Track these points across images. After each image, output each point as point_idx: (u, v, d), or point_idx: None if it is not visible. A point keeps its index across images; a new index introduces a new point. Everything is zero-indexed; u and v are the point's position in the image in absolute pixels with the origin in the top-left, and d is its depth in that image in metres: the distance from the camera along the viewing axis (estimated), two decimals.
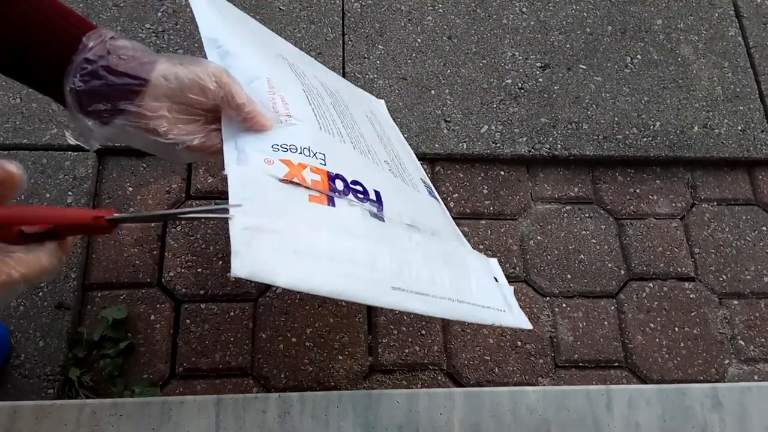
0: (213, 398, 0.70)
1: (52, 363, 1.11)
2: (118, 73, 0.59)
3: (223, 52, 0.72)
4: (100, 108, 0.60)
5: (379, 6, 1.50)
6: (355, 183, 0.70)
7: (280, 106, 0.69)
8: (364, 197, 0.70)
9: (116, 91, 0.60)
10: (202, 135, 0.66)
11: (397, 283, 0.68)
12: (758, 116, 1.47)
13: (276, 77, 0.73)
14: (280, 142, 0.66)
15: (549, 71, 1.47)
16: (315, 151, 0.68)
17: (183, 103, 0.63)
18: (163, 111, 0.62)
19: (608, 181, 1.40)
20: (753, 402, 0.76)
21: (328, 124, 0.75)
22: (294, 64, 0.83)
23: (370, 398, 0.73)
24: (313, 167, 0.66)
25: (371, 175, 0.75)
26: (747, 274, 1.34)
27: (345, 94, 0.92)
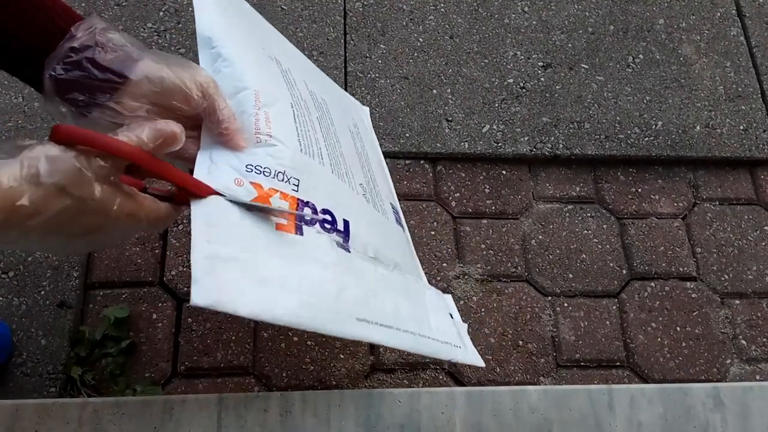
0: (215, 397, 0.70)
1: (54, 361, 1.11)
2: (102, 67, 0.58)
3: (215, 54, 0.71)
4: (77, 98, 0.59)
5: (380, 5, 1.50)
6: (325, 212, 0.70)
7: (262, 124, 0.68)
8: (332, 227, 0.70)
9: (96, 85, 0.59)
10: None
11: (362, 315, 0.69)
12: (760, 116, 1.47)
13: (265, 89, 0.72)
14: (255, 164, 0.66)
15: (551, 71, 1.47)
16: (290, 176, 0.67)
17: (163, 106, 0.62)
18: (140, 111, 0.61)
19: (610, 180, 1.40)
20: (755, 401, 0.76)
21: (310, 144, 0.74)
22: (287, 70, 0.82)
23: (372, 397, 0.73)
24: (283, 193, 0.66)
25: (344, 201, 0.75)
26: (749, 273, 1.33)
27: (332, 104, 0.92)
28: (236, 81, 0.69)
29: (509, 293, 1.26)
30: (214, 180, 0.63)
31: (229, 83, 0.69)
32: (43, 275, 1.16)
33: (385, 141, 1.35)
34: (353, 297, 0.68)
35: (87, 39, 0.58)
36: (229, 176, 0.63)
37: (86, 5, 1.41)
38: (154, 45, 1.39)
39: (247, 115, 0.68)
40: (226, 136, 0.64)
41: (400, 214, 0.99)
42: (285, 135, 0.70)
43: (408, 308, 0.78)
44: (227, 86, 0.69)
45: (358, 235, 0.74)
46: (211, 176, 0.63)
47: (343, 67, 1.42)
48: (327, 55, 1.43)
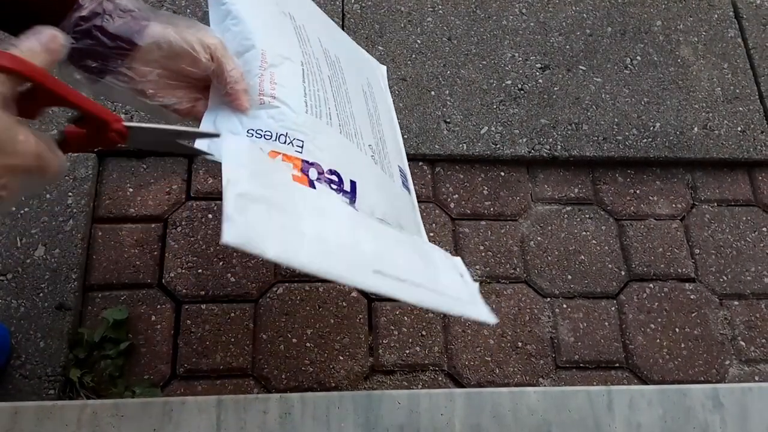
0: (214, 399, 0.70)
1: (53, 364, 1.11)
2: (111, 35, 0.59)
3: (225, 11, 0.71)
4: (90, 65, 0.60)
5: (379, 7, 1.50)
6: (332, 172, 0.70)
7: (266, 85, 0.69)
8: (338, 188, 0.70)
9: (107, 52, 0.60)
10: (188, 101, 0.66)
11: (378, 267, 0.68)
12: (758, 117, 1.47)
13: (273, 48, 0.72)
14: (256, 128, 0.66)
15: (549, 72, 1.47)
16: (292, 138, 0.67)
17: (172, 69, 0.63)
18: (151, 75, 0.62)
19: (608, 182, 1.40)
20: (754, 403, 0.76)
21: (318, 104, 0.74)
22: (301, 26, 0.81)
23: (371, 399, 0.73)
24: (285, 155, 0.66)
25: (352, 162, 0.75)
26: (747, 274, 1.34)
27: (346, 62, 0.91)
28: (244, 39, 0.70)
29: (508, 294, 1.27)
30: (214, 149, 0.63)
31: (237, 42, 0.69)
32: (41, 277, 1.16)
33: None
34: (369, 250, 0.68)
35: (95, 7, 0.59)
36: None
37: None
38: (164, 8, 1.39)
39: (252, 76, 0.68)
40: (231, 95, 0.65)
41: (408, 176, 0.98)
42: (290, 95, 0.70)
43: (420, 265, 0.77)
44: (235, 45, 0.69)
45: (365, 196, 0.74)
46: (215, 143, 0.63)
47: None
48: None
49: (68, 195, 1.23)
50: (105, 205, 1.25)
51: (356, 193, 0.72)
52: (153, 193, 1.27)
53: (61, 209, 1.22)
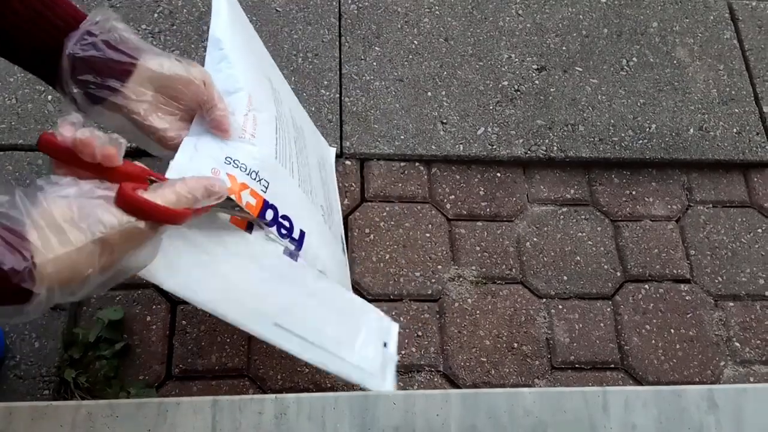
0: (209, 399, 0.70)
1: (48, 364, 1.11)
2: (116, 49, 0.62)
3: (222, 55, 0.75)
4: (89, 79, 0.62)
5: (375, 8, 1.50)
6: (285, 218, 0.74)
7: (249, 124, 0.73)
8: (287, 234, 0.75)
9: (109, 67, 0.62)
10: (176, 129, 0.68)
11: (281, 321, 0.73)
12: (753, 119, 1.48)
13: (257, 96, 0.77)
14: (234, 157, 0.70)
15: (545, 73, 1.48)
16: (262, 177, 0.71)
17: (167, 93, 0.66)
18: (146, 96, 0.65)
19: (604, 183, 1.40)
20: (749, 403, 0.76)
21: (284, 156, 0.78)
22: (277, 89, 0.87)
23: (367, 400, 0.73)
24: (253, 191, 0.70)
25: (304, 215, 0.80)
26: (742, 276, 1.34)
27: (307, 133, 0.98)
28: (235, 82, 0.74)
29: (504, 295, 1.27)
30: (193, 167, 0.66)
31: (229, 83, 0.73)
32: None
33: (380, 143, 1.35)
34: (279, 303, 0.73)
35: (104, 24, 0.62)
36: (207, 165, 0.67)
37: (80, 7, 1.40)
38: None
39: (238, 114, 0.72)
40: (217, 120, 0.68)
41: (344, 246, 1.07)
42: (266, 140, 0.75)
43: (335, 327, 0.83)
44: (226, 85, 0.72)
45: (311, 248, 0.79)
46: (191, 163, 0.67)
47: (338, 69, 1.42)
48: (322, 57, 1.43)
49: None
50: None
51: (303, 243, 0.77)
52: None
53: None
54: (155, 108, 0.66)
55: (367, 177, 1.33)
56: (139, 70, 0.63)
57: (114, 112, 0.65)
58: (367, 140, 1.35)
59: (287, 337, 0.76)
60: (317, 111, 1.36)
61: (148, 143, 0.70)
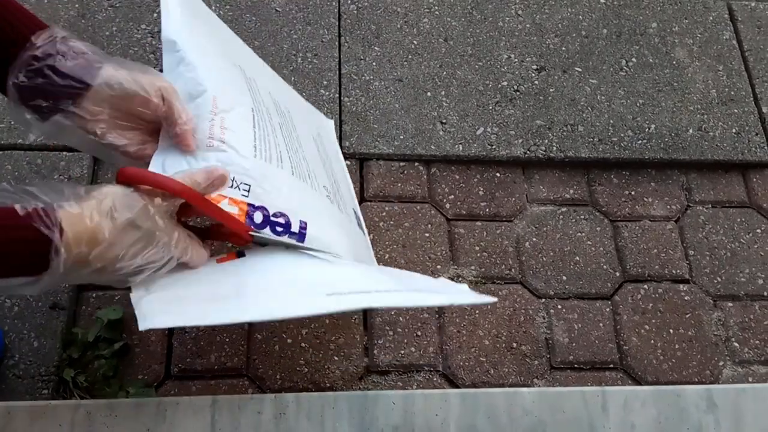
0: (208, 399, 0.70)
1: (47, 363, 1.11)
2: (63, 74, 0.60)
3: (179, 57, 0.72)
4: (41, 104, 0.61)
5: (375, 8, 1.50)
6: (278, 215, 0.72)
7: (216, 129, 0.70)
8: (285, 230, 0.72)
9: (58, 91, 0.61)
10: (138, 143, 0.68)
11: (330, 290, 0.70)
12: (752, 119, 1.48)
13: (224, 95, 0.74)
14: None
15: (544, 74, 1.48)
16: (240, 182, 0.70)
17: (123, 110, 0.64)
18: (102, 115, 0.63)
19: (603, 183, 1.40)
20: (747, 403, 0.76)
21: (268, 147, 0.75)
22: (252, 78, 0.84)
23: (366, 399, 0.73)
24: (232, 199, 0.69)
25: (304, 202, 0.77)
26: (741, 276, 1.34)
27: (296, 113, 0.94)
28: (196, 85, 0.71)
29: (503, 295, 1.27)
30: None
31: (190, 87, 0.71)
32: None
33: (379, 143, 1.35)
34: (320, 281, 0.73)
35: (48, 48, 0.60)
36: None
37: (80, 7, 1.41)
38: (148, 47, 1.39)
39: (202, 120, 0.70)
40: (179, 136, 0.67)
41: (362, 220, 1.03)
42: (239, 140, 0.72)
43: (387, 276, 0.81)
44: (187, 90, 0.70)
45: (319, 236, 0.76)
46: None
47: (337, 69, 1.42)
48: (321, 57, 1.43)
49: None
50: None
51: (306, 234, 0.74)
52: None
53: None
54: (113, 125, 0.65)
55: (366, 177, 1.33)
56: (92, 91, 0.62)
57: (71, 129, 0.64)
58: (367, 140, 1.35)
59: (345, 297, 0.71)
60: None
61: (112, 157, 0.69)
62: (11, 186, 0.53)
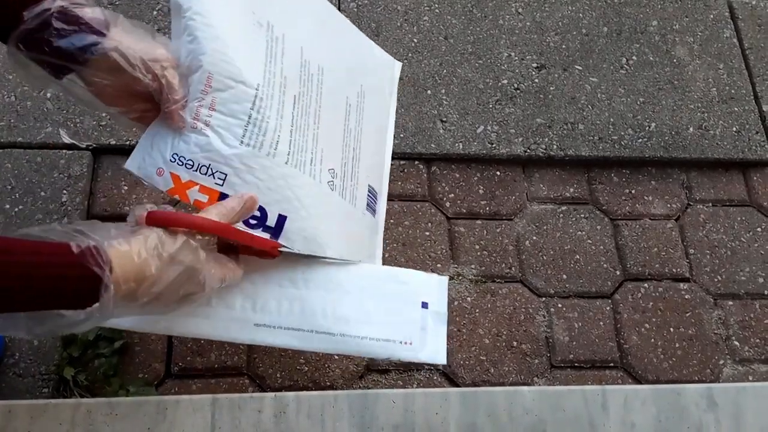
0: (209, 398, 0.70)
1: (47, 362, 1.11)
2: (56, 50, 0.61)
3: (184, 24, 0.69)
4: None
5: (375, 5, 1.50)
6: None
7: (204, 110, 0.68)
8: (258, 224, 0.71)
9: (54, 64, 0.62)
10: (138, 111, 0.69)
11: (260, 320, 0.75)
12: (753, 117, 1.48)
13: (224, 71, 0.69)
14: (180, 154, 0.68)
15: (545, 72, 1.47)
16: (216, 170, 0.69)
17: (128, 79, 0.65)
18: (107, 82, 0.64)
19: (604, 181, 1.40)
20: (748, 402, 0.76)
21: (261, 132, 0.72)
22: (279, 37, 0.77)
23: (366, 398, 0.73)
24: (203, 187, 0.68)
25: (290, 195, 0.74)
26: (742, 274, 1.34)
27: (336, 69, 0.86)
28: (195, 59, 0.68)
29: (503, 294, 1.27)
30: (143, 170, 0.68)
31: (190, 59, 0.68)
32: None
33: None
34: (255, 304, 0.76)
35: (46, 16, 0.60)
36: (153, 167, 0.67)
37: None
38: None
39: (192, 99, 0.68)
40: (167, 114, 0.68)
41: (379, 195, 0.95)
42: (227, 124, 0.70)
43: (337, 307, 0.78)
44: (186, 63, 0.68)
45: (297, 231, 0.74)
46: (144, 164, 0.68)
47: None
48: None
49: (63, 193, 1.22)
50: (100, 203, 1.25)
51: (282, 228, 0.73)
52: (148, 191, 1.27)
53: (55, 207, 1.21)
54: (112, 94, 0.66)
55: None
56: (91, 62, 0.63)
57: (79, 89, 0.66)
58: None
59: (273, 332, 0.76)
60: None
61: (119, 119, 0.71)
62: (61, 225, 0.55)
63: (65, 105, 1.30)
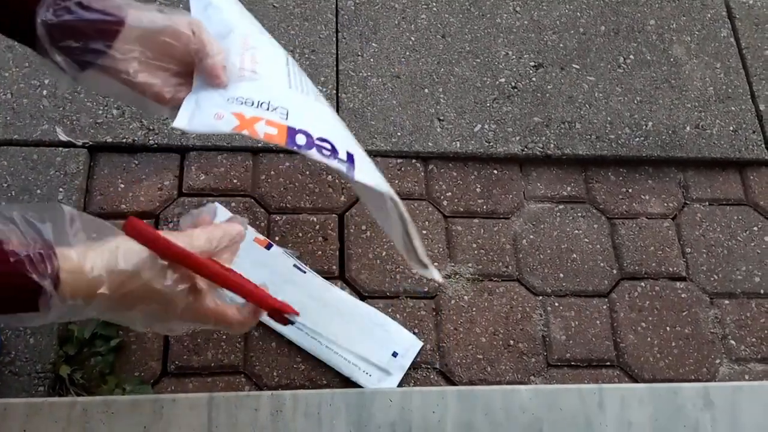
0: (205, 396, 0.70)
1: (43, 360, 1.10)
2: (92, 9, 0.59)
3: (206, 2, 0.71)
4: (71, 45, 0.59)
5: (373, 4, 1.50)
6: (323, 140, 0.68)
7: (247, 62, 0.69)
8: (332, 154, 0.67)
9: (89, 29, 0.59)
10: (171, 85, 0.66)
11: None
12: (750, 117, 1.48)
13: (253, 35, 0.73)
14: (236, 96, 0.66)
15: (542, 70, 1.47)
16: (276, 105, 0.66)
17: (155, 48, 0.63)
18: (134, 53, 0.62)
19: (601, 180, 1.40)
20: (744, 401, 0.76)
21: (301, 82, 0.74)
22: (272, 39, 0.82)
23: (363, 396, 0.73)
24: (269, 120, 0.65)
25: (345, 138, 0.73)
26: (738, 273, 1.34)
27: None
28: (225, 25, 0.70)
29: (500, 293, 1.27)
30: (195, 123, 0.64)
31: (219, 27, 0.69)
32: None
33: (376, 140, 1.35)
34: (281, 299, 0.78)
35: None
36: (209, 115, 0.64)
37: None
38: None
39: (233, 54, 0.68)
40: (210, 69, 0.65)
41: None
42: (272, 72, 0.70)
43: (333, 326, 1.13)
44: (216, 30, 0.69)
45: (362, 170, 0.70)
46: (193, 121, 0.64)
47: (334, 66, 1.41)
48: (318, 53, 1.42)
49: (59, 190, 1.22)
50: (96, 201, 1.24)
51: (355, 163, 0.69)
52: (145, 189, 1.26)
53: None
54: (145, 65, 0.63)
55: None
56: (126, 29, 0.60)
57: (107, 76, 0.62)
58: (364, 137, 1.35)
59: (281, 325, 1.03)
60: None
61: (146, 104, 0.67)
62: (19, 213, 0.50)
63: (61, 102, 1.29)
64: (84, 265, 0.51)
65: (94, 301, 0.52)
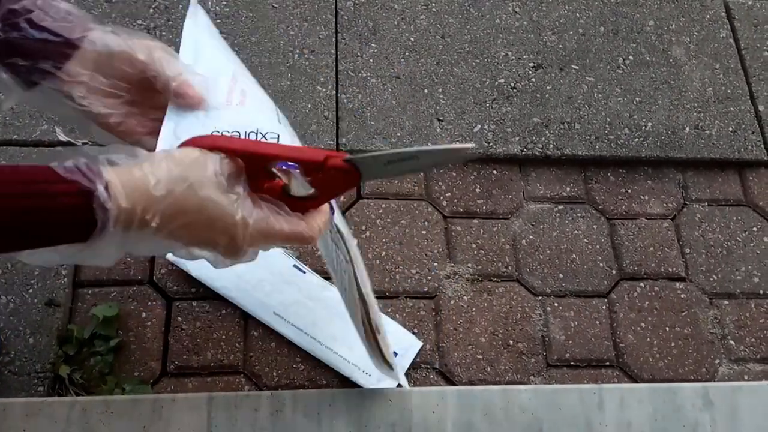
0: (205, 396, 0.70)
1: (42, 360, 1.10)
2: (42, 28, 0.56)
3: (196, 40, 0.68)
4: (18, 62, 0.57)
5: (372, 4, 1.50)
6: None
7: (235, 95, 0.65)
8: None
9: (36, 48, 0.57)
10: (120, 113, 0.62)
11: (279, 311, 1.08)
12: (749, 117, 1.48)
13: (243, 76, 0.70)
14: (223, 128, 0.61)
15: (541, 71, 1.48)
16: (266, 131, 0.63)
17: (109, 73, 0.60)
18: (83, 77, 0.59)
19: (600, 181, 1.40)
20: (743, 401, 0.76)
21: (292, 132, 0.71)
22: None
23: (363, 396, 0.73)
24: None
25: None
26: (737, 274, 1.34)
27: None
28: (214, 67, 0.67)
29: (500, 293, 1.27)
30: None
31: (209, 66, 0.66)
32: (31, 273, 1.16)
33: (376, 140, 1.35)
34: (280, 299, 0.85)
35: (28, 3, 0.56)
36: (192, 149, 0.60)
37: (75, 2, 1.40)
38: None
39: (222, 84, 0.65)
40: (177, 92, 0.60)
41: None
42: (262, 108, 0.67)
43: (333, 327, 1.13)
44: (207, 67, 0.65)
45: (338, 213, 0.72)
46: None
47: (334, 66, 1.41)
48: (318, 54, 1.42)
49: None
50: None
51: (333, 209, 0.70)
52: None
53: None
54: (93, 90, 0.59)
55: None
56: (81, 52, 0.58)
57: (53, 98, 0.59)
58: (364, 137, 1.35)
59: (283, 324, 1.14)
60: (313, 108, 1.36)
61: (94, 131, 0.63)
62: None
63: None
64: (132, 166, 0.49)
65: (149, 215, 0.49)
